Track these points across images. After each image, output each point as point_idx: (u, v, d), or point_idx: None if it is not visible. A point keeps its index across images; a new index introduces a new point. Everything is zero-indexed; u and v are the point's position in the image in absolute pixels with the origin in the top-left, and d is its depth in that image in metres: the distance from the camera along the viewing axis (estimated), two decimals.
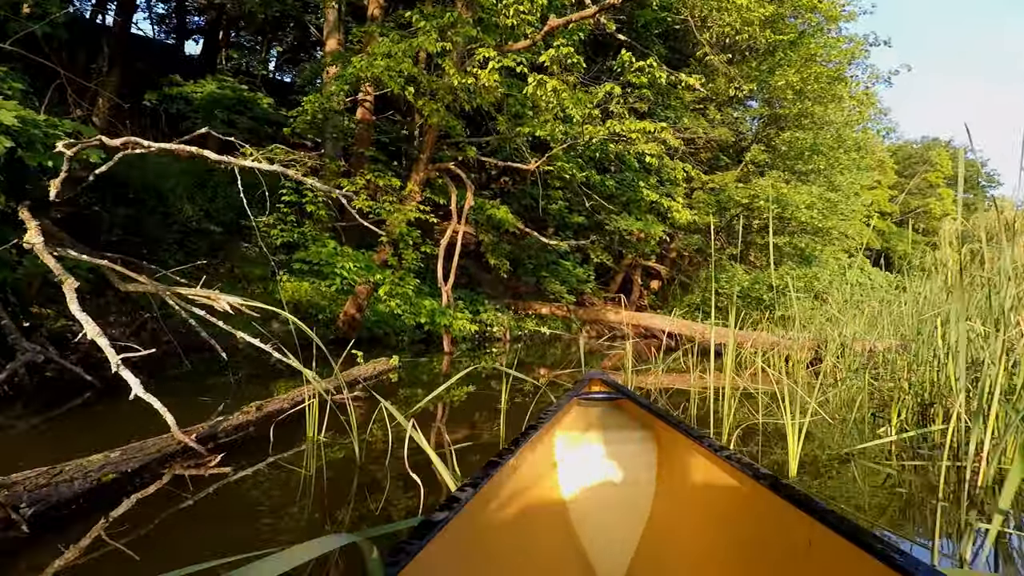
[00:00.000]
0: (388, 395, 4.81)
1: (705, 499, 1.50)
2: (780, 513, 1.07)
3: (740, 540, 1.30)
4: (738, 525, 1.32)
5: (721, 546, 1.38)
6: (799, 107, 13.00)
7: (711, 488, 1.44)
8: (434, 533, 0.94)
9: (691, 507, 1.58)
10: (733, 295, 11.72)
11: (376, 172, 6.81)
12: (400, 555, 0.86)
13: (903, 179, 38.81)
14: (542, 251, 12.01)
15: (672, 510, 1.69)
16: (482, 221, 8.35)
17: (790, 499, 1.06)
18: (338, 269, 5.42)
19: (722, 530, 1.40)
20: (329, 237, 6.09)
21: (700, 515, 1.52)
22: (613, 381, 2.25)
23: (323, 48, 8.81)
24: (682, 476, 1.67)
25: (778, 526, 1.10)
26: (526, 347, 11.29)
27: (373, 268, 6.03)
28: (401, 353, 8.69)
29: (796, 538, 1.03)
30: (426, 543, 0.91)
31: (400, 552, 0.86)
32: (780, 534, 1.10)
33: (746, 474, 1.23)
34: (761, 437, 3.79)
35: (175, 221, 7.81)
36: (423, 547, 0.90)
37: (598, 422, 2.06)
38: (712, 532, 1.44)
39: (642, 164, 10.48)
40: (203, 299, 3.42)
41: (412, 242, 6.49)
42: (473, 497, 1.12)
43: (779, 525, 1.09)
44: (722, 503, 1.40)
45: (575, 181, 8.11)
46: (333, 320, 8.36)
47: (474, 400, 5.01)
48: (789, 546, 1.06)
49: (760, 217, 12.48)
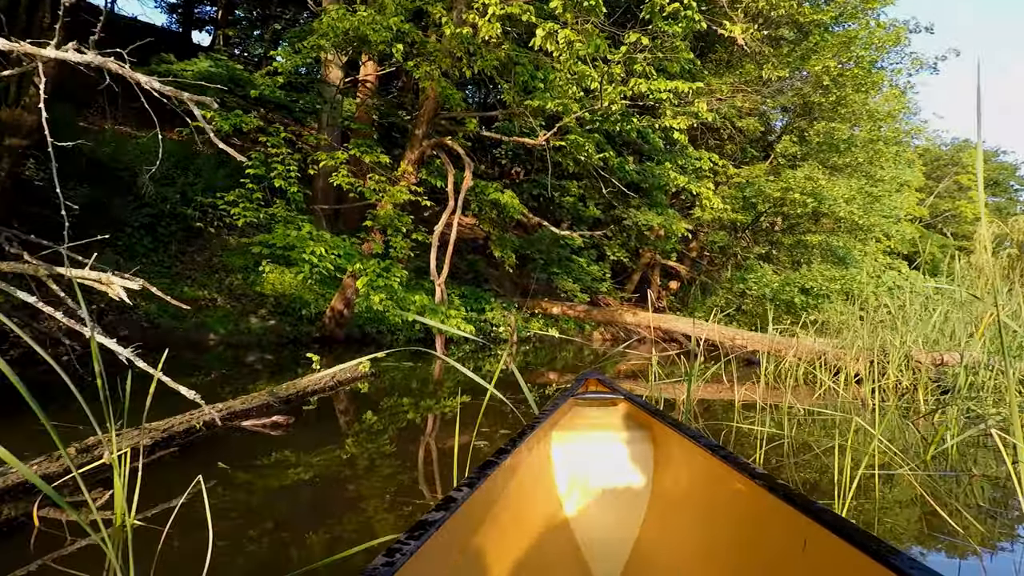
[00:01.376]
0: (339, 416, 3.97)
1: (702, 498, 1.49)
2: (777, 513, 1.07)
3: (737, 539, 1.28)
4: (735, 524, 1.30)
5: (717, 545, 1.36)
6: (836, 95, 11.95)
7: (708, 488, 1.44)
8: (430, 533, 0.93)
9: (688, 506, 1.57)
10: (764, 297, 10.74)
11: (362, 148, 5.98)
12: (396, 555, 0.85)
13: (931, 181, 37.50)
14: (554, 245, 11.12)
15: (669, 509, 1.68)
16: (485, 208, 7.48)
17: (787, 499, 1.05)
18: (307, 255, 4.60)
19: (719, 529, 1.38)
20: (307, 220, 5.27)
21: (697, 514, 1.51)
22: (610, 381, 2.28)
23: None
24: (679, 476, 1.68)
25: (775, 526, 1.09)
26: (535, 349, 10.44)
27: (356, 257, 5.22)
28: (396, 354, 7.89)
29: (792, 538, 1.01)
30: (422, 543, 0.90)
31: (396, 552, 0.85)
32: (776, 533, 1.09)
33: (743, 474, 1.21)
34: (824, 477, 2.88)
35: (146, 204, 7.05)
36: (419, 547, 0.89)
37: (595, 422, 2.07)
38: (709, 531, 1.42)
39: (668, 143, 9.52)
40: (93, 282, 2.59)
41: (403, 229, 5.65)
42: (469, 497, 1.11)
43: (776, 525, 1.08)
44: (719, 502, 1.38)
45: (590, 163, 7.21)
46: (320, 316, 7.56)
47: (460, 417, 4.10)
48: (785, 545, 1.05)
49: (794, 213, 11.44)
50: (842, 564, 0.89)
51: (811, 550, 0.98)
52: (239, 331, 6.82)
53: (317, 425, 3.56)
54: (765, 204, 12.39)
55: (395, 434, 3.44)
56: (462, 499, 1.08)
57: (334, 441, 3.24)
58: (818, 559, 0.97)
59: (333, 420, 3.82)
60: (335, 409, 4.09)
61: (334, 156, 5.73)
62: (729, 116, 12.59)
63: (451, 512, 1.02)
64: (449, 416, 3.90)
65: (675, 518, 1.62)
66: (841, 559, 0.89)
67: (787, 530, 1.04)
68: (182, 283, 6.90)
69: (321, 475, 2.63)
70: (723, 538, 1.35)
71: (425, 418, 3.95)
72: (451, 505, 1.04)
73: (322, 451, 2.98)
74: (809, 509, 0.99)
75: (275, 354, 6.70)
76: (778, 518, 1.06)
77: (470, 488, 1.14)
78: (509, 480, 1.44)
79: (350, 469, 2.82)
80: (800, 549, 1.00)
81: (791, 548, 1.03)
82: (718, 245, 12.98)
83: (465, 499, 1.09)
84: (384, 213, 5.48)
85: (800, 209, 10.72)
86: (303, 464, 2.71)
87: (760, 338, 6.61)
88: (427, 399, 4.53)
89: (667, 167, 8.72)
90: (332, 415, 3.97)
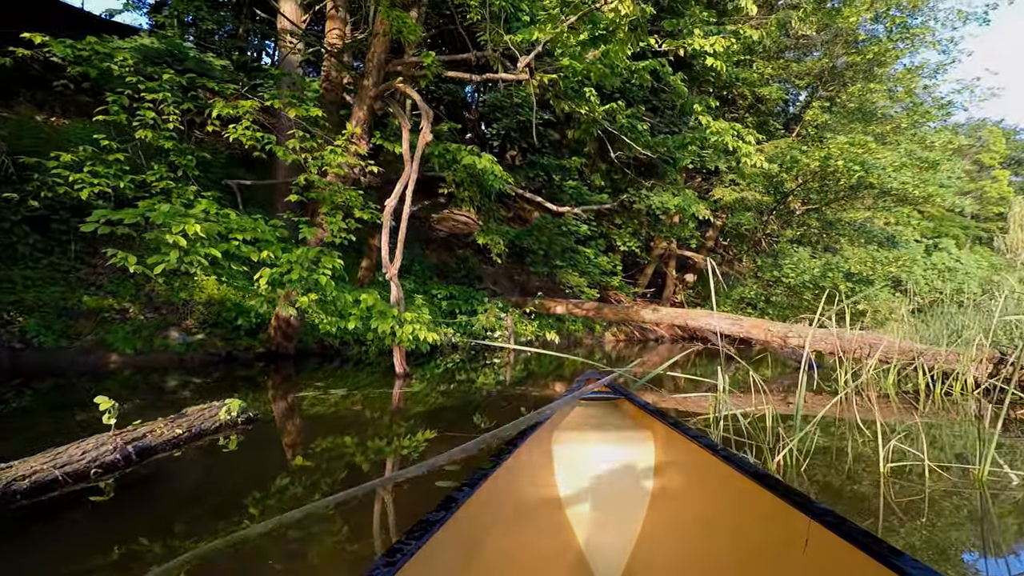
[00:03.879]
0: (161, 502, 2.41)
1: (703, 498, 1.48)
2: (777, 512, 1.05)
3: (737, 538, 1.26)
4: (735, 523, 1.28)
5: (718, 545, 1.33)
6: (875, 49, 10.37)
7: (709, 487, 1.42)
8: (431, 533, 0.93)
9: (688, 506, 1.55)
10: (804, 286, 9.19)
11: (288, 99, 4.47)
12: (397, 555, 0.84)
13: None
14: (556, 235, 9.60)
15: (669, 509, 1.66)
16: (463, 182, 5.94)
17: (788, 498, 1.04)
18: (173, 235, 3.10)
19: (719, 528, 1.35)
20: (209, 196, 3.75)
21: (697, 514, 1.49)
22: (610, 381, 2.32)
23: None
24: (680, 475, 1.66)
25: (775, 525, 1.07)
26: (538, 355, 8.93)
27: (273, 244, 3.76)
28: (364, 370, 6.38)
29: (793, 537, 1.00)
30: (423, 543, 0.89)
31: (397, 552, 0.85)
32: (778, 533, 1.07)
33: (744, 473, 1.21)
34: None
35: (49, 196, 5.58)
36: (420, 547, 0.88)
37: (596, 421, 2.04)
38: (709, 530, 1.40)
39: (697, 79, 7.90)
40: None
41: (344, 205, 4.17)
42: (471, 496, 1.11)
43: (776, 524, 1.07)
44: (720, 501, 1.37)
45: (593, 121, 5.69)
46: (263, 326, 6.08)
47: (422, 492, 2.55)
48: (787, 545, 1.03)
49: (832, 187, 9.83)
50: (843, 564, 0.86)
51: (812, 550, 0.95)
52: (153, 349, 5.36)
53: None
54: (794, 181, 10.80)
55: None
56: (463, 499, 1.08)
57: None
58: (819, 559, 0.94)
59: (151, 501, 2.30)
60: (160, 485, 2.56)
61: (236, 104, 4.25)
62: (750, 80, 11.03)
63: (452, 512, 1.02)
64: (399, 501, 2.36)
65: (676, 517, 1.58)
66: (843, 559, 0.86)
67: (788, 529, 1.01)
68: (81, 291, 5.44)
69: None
70: (724, 537, 1.30)
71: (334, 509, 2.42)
72: (452, 505, 1.04)
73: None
74: (810, 508, 0.98)
75: (204, 376, 5.25)
76: (779, 517, 1.04)
77: (471, 488, 1.13)
78: (510, 480, 1.40)
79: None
80: (801, 549, 0.98)
81: (792, 547, 1.00)
82: (744, 228, 11.39)
83: (466, 499, 1.09)
84: (322, 187, 3.96)
85: (844, 180, 9.11)
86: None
87: (825, 336, 5.09)
88: (352, 453, 2.99)
89: (697, 110, 6.88)
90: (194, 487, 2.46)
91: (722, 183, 11.56)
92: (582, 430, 1.95)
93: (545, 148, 10.70)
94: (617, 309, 8.53)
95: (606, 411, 2.11)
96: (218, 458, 2.70)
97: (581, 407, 2.11)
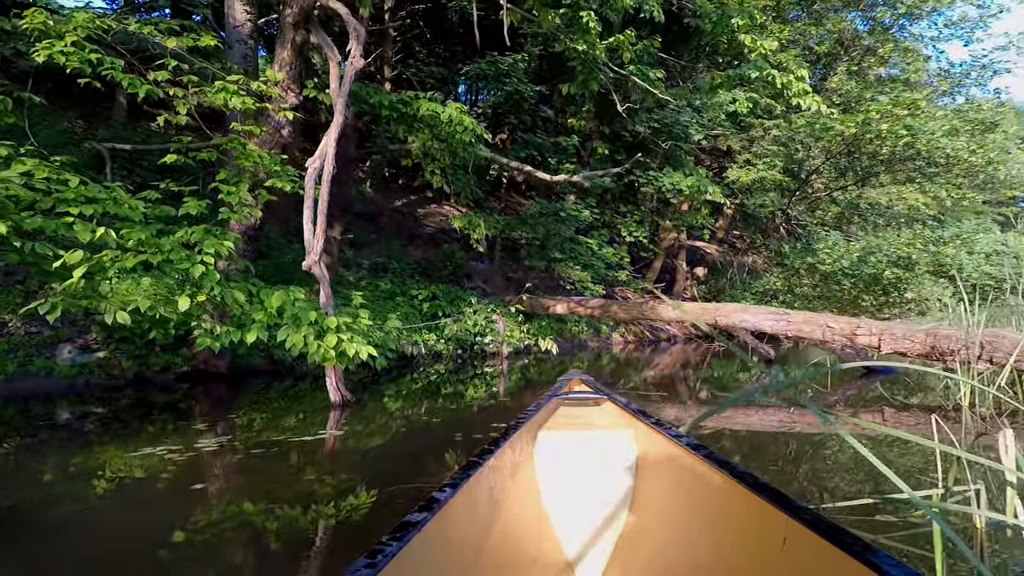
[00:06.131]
0: None
1: (684, 497, 1.46)
2: (757, 511, 1.05)
3: (717, 537, 1.26)
4: (716, 522, 1.28)
5: (699, 543, 1.33)
6: (907, 5, 9.12)
7: (690, 486, 1.42)
8: (412, 534, 0.91)
9: (670, 504, 1.54)
10: (843, 273, 7.94)
11: (164, 26, 3.23)
12: (378, 556, 0.81)
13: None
14: (554, 223, 8.36)
15: (651, 508, 1.66)
16: (425, 146, 4.63)
17: (767, 497, 1.03)
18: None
19: (700, 527, 1.35)
20: (69, 168, 2.54)
21: (679, 512, 1.48)
22: (593, 380, 2.34)
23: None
24: (661, 474, 1.65)
25: (755, 523, 1.07)
26: (536, 362, 7.71)
27: (136, 224, 2.58)
28: (317, 395, 5.11)
29: (772, 535, 0.99)
30: (404, 544, 0.87)
31: (378, 553, 0.82)
32: (756, 531, 1.07)
33: (724, 472, 1.20)
34: None
35: None
36: (402, 548, 0.86)
37: (578, 421, 2.05)
38: (690, 530, 1.39)
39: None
40: None
41: (252, 169, 2.97)
42: (452, 497, 1.10)
43: (756, 522, 1.06)
44: (700, 501, 1.36)
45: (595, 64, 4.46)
46: (185, 339, 4.85)
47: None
48: (765, 543, 1.02)
49: (871, 159, 8.54)
50: (821, 562, 0.86)
51: (791, 548, 0.95)
52: (30, 373, 4.13)
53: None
54: (822, 155, 9.54)
55: None
56: (445, 499, 1.06)
57: None
58: (797, 557, 0.93)
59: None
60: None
61: (55, 30, 2.98)
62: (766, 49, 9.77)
63: (434, 512, 1.00)
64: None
65: (657, 516, 1.57)
66: (820, 557, 0.86)
67: (767, 528, 1.00)
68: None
69: None
70: (704, 536, 1.31)
71: None
72: (434, 505, 1.02)
73: None
74: (789, 507, 0.96)
75: (109, 405, 4.04)
76: (758, 516, 1.03)
77: (453, 488, 1.12)
78: (492, 480, 1.40)
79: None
80: (780, 547, 0.97)
81: (771, 546, 1.00)
82: (765, 211, 10.12)
83: (448, 499, 1.07)
84: (219, 145, 2.71)
85: (888, 148, 7.84)
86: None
87: (906, 331, 3.84)
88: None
89: (740, 30, 5.41)
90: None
91: (735, 163, 10.31)
92: (565, 429, 1.93)
93: (538, 125, 9.47)
94: (628, 306, 7.28)
95: (589, 410, 2.14)
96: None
97: (564, 407, 2.15)
